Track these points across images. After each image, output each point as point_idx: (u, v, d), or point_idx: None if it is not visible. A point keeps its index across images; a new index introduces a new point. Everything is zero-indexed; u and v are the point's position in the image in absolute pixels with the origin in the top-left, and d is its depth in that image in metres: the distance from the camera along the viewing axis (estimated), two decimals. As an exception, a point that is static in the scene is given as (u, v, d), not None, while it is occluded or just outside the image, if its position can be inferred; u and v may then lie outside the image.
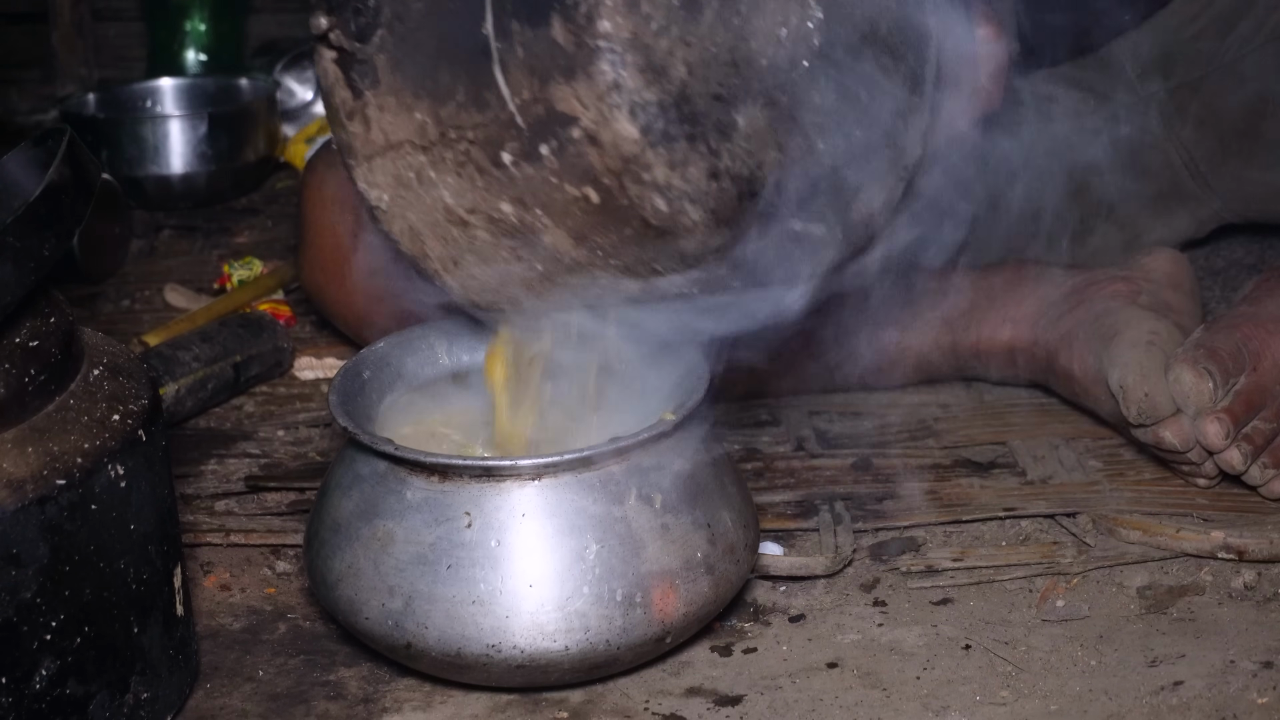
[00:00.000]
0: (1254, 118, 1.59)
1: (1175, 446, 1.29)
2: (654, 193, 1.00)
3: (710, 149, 1.01)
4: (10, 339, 0.99)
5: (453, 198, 1.06)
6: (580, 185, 1.01)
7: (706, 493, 1.12)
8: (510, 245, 1.06)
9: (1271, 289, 1.38)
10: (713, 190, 1.02)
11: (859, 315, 1.49)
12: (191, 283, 1.87)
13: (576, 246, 1.04)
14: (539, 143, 1.01)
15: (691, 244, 1.03)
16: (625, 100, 0.98)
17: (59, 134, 1.02)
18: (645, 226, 1.02)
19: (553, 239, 1.04)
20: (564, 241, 1.04)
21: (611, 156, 1.00)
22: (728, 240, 1.04)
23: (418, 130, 1.05)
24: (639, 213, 1.01)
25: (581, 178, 1.01)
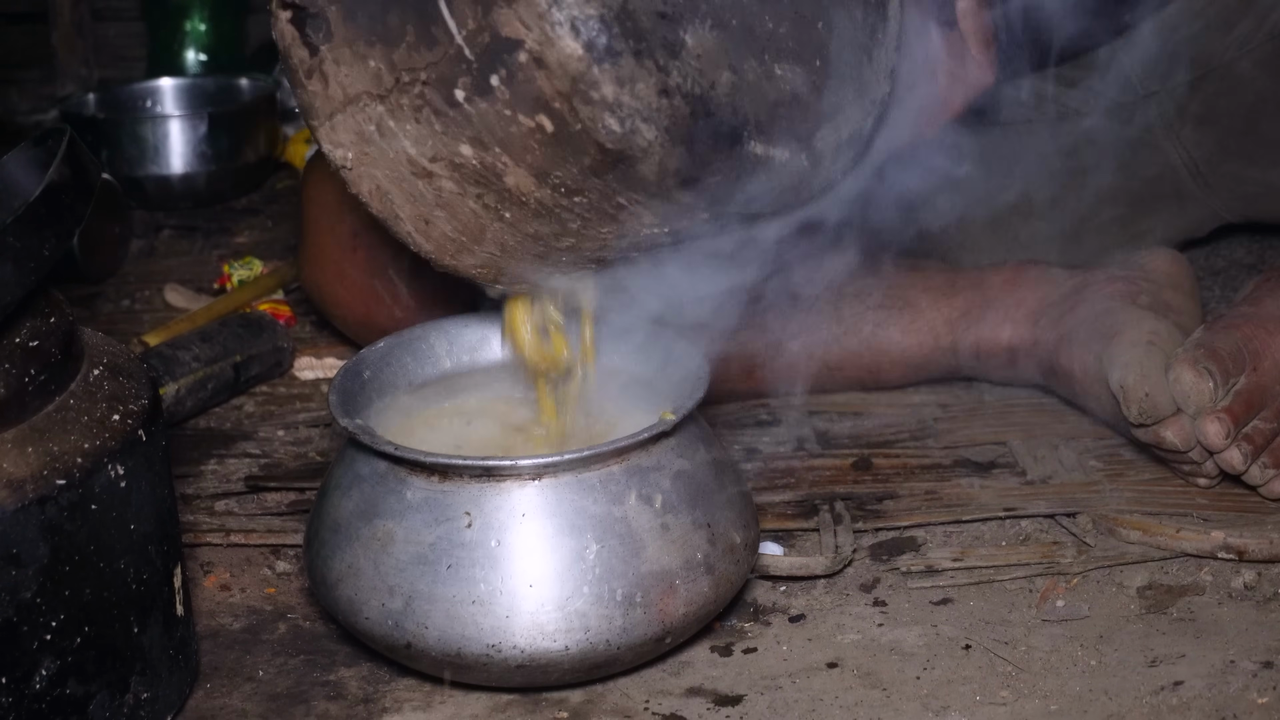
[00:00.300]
0: (1253, 117, 1.59)
1: (1176, 446, 1.29)
2: (605, 112, 1.00)
3: (658, 65, 1.00)
4: (10, 339, 0.99)
5: (414, 147, 1.06)
6: (533, 114, 1.01)
7: (706, 493, 1.12)
8: (476, 193, 1.06)
9: (1272, 289, 1.38)
10: (664, 107, 1.01)
11: (859, 314, 1.49)
12: (191, 283, 1.87)
13: (539, 185, 1.04)
14: (489, 74, 1.01)
15: (650, 167, 1.02)
16: (565, 16, 0.98)
17: (59, 134, 1.02)
18: (601, 152, 1.01)
19: (515, 179, 1.04)
20: (526, 181, 1.04)
21: (559, 78, 0.99)
22: (685, 162, 1.03)
23: (373, 79, 1.05)
24: (593, 137, 1.01)
25: (533, 105, 1.01)
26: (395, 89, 1.04)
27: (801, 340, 1.49)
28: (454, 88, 1.02)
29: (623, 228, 1.08)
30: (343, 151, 1.08)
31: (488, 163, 1.04)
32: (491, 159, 1.04)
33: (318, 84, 1.07)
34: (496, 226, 1.08)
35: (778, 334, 1.49)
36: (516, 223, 1.07)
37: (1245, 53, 1.58)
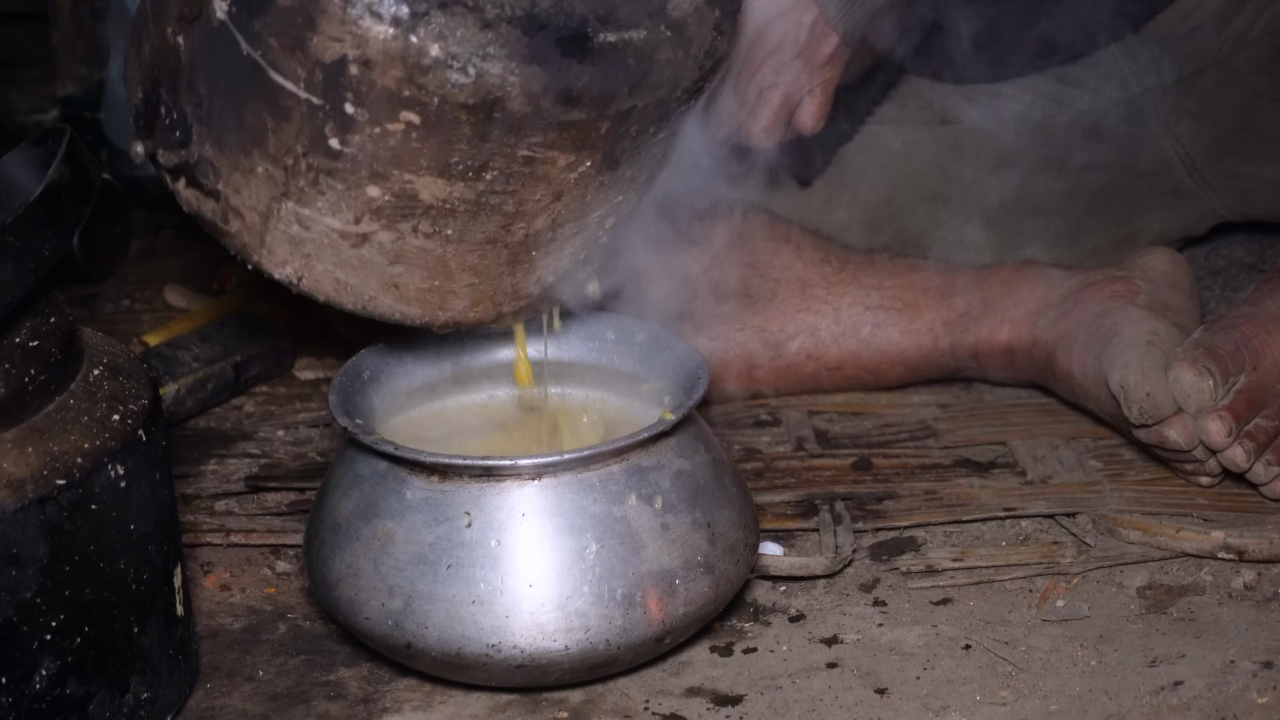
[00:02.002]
0: (1249, 113, 1.59)
1: (1180, 445, 1.29)
2: (445, 71, 1.00)
3: (468, 6, 1.00)
4: (10, 339, 0.99)
5: (334, 219, 1.07)
6: (395, 115, 1.02)
7: (706, 493, 1.12)
8: (410, 227, 1.06)
9: (1272, 289, 1.38)
10: (495, 39, 1.01)
11: (861, 309, 1.49)
12: (191, 283, 1.87)
13: (449, 182, 1.04)
14: (341, 105, 1.02)
15: (518, 101, 1.02)
16: (361, 8, 0.99)
17: (59, 134, 1.02)
18: (469, 111, 1.01)
19: (426, 190, 1.04)
20: (435, 185, 1.04)
21: (389, 66, 1.00)
22: (546, 79, 1.02)
23: (269, 182, 1.07)
24: (452, 100, 1.01)
25: (390, 108, 1.01)
26: (288, 178, 1.06)
27: (800, 340, 1.49)
28: (327, 140, 1.04)
29: (553, 185, 1.07)
30: (289, 268, 1.10)
31: (396, 189, 1.05)
32: (395, 183, 1.05)
33: (236, 221, 1.10)
34: (451, 251, 1.08)
35: (777, 334, 1.49)
36: (463, 234, 1.08)
37: (1241, 48, 1.58)
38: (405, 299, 1.11)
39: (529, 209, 1.07)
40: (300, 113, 1.03)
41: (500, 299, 1.13)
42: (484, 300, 1.12)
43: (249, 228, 1.09)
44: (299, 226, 1.08)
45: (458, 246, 1.08)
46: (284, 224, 1.08)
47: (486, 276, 1.11)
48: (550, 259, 1.12)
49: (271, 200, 1.07)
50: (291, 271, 1.10)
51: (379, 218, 1.06)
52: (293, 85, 1.03)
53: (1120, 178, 1.63)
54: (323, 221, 1.07)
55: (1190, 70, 1.61)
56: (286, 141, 1.05)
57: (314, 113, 1.03)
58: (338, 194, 1.06)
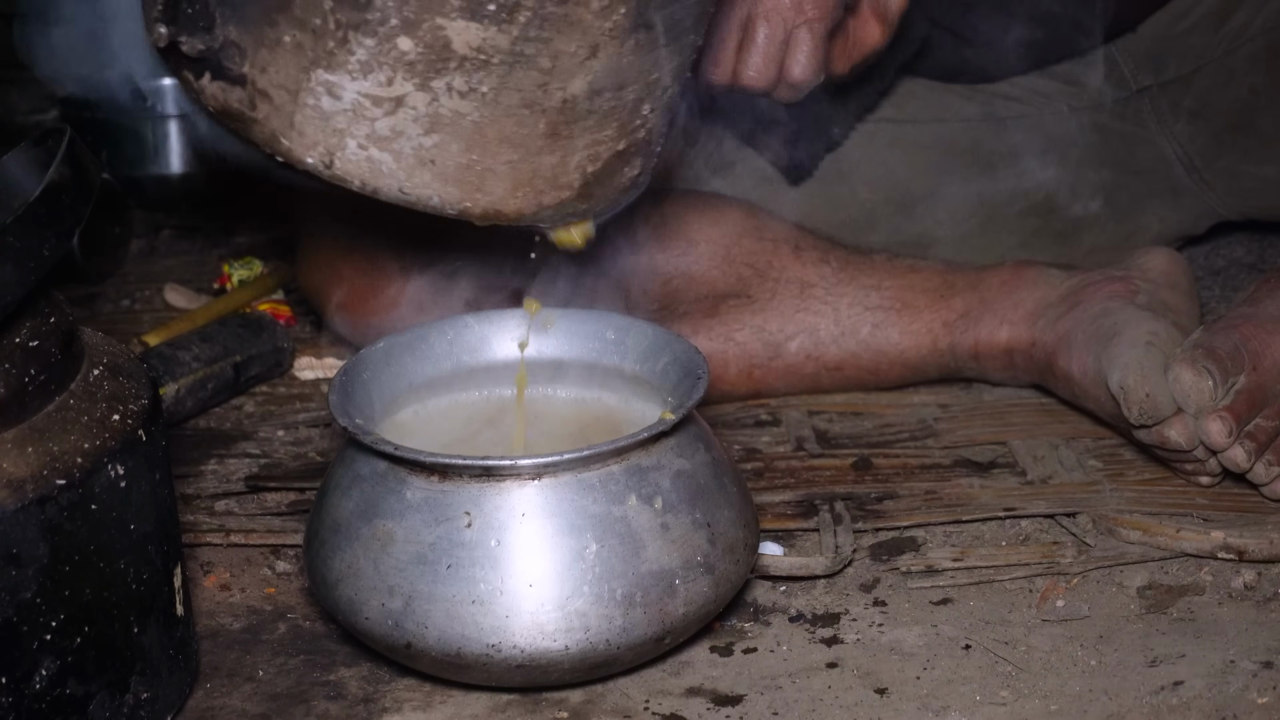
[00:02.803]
0: (1247, 112, 1.59)
1: (1181, 445, 1.29)
2: None
3: None
4: (10, 339, 0.99)
5: (366, 82, 1.03)
6: None
7: (706, 493, 1.12)
8: (445, 86, 1.03)
9: (1272, 289, 1.38)
10: None
11: (859, 310, 1.49)
12: (191, 283, 1.87)
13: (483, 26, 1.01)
14: None
15: None
16: None
17: (59, 134, 1.02)
18: None
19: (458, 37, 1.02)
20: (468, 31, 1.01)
21: None
22: None
23: (297, 50, 1.03)
24: None
25: None
26: (316, 41, 1.02)
27: (800, 341, 1.49)
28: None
29: (588, 35, 1.03)
30: (320, 148, 1.06)
31: (427, 40, 1.01)
32: (427, 33, 1.01)
33: (265, 106, 1.06)
34: (487, 116, 1.04)
35: (776, 335, 1.49)
36: (499, 95, 1.04)
37: (1239, 47, 1.58)
38: (442, 176, 1.07)
39: (565, 64, 1.04)
40: None
41: (540, 184, 1.10)
42: (523, 184, 1.09)
43: (278, 109, 1.06)
44: (329, 97, 1.04)
45: (493, 110, 1.05)
46: (314, 97, 1.04)
47: (525, 152, 1.07)
48: (589, 138, 1.09)
49: (300, 71, 1.04)
50: (323, 152, 1.06)
51: (412, 75, 1.03)
52: None
53: (1119, 177, 1.64)
54: (354, 87, 1.03)
55: (1188, 68, 1.61)
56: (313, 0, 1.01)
57: None
58: (368, 51, 1.02)
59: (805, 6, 1.33)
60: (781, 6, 1.33)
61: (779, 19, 1.33)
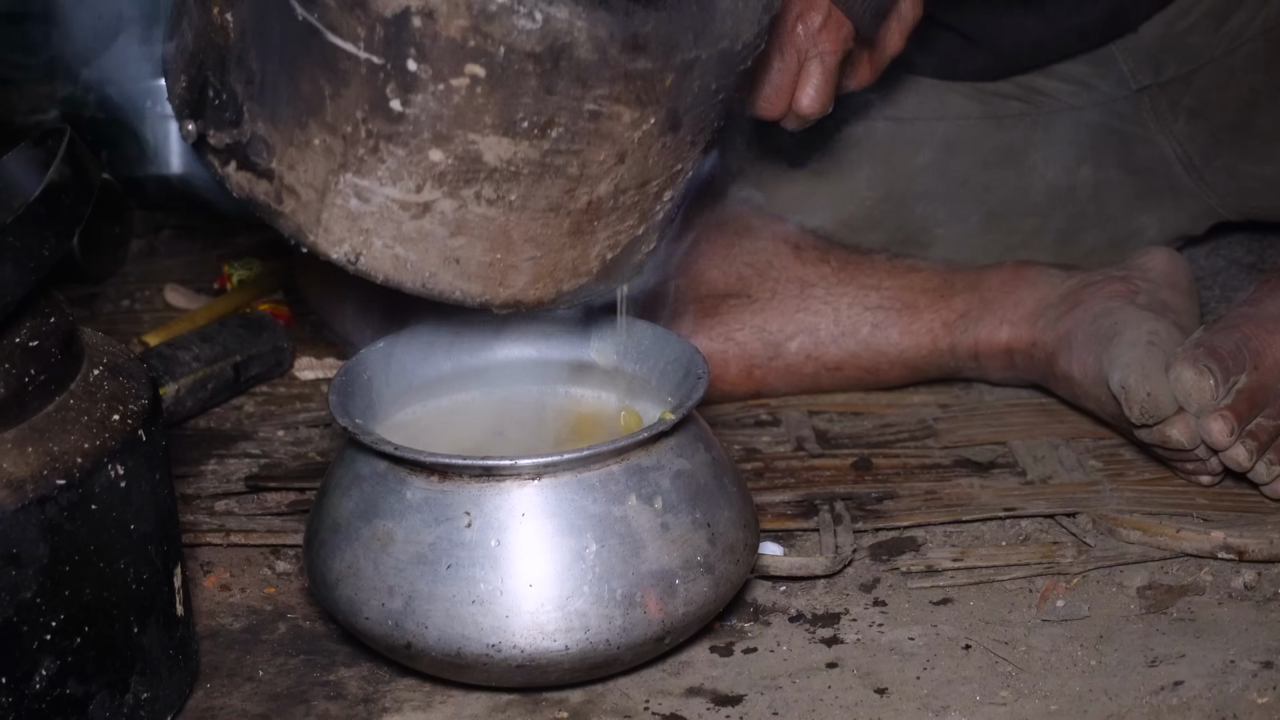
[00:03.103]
0: (1247, 111, 1.59)
1: (1183, 444, 1.29)
2: (512, 17, 0.98)
3: None
4: (10, 339, 0.99)
5: (395, 188, 1.04)
6: (460, 69, 0.99)
7: (706, 493, 1.12)
8: (473, 194, 1.04)
9: (1272, 289, 1.38)
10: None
11: (859, 310, 1.49)
12: (191, 283, 1.87)
13: (514, 141, 1.02)
14: (404, 63, 1.00)
15: (586, 48, 1.00)
16: None
17: (59, 134, 1.02)
18: (536, 61, 0.99)
19: (491, 150, 1.02)
20: (501, 144, 1.02)
21: (455, 14, 0.98)
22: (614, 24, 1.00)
23: (326, 153, 1.04)
24: (520, 49, 0.99)
25: (455, 61, 0.99)
26: (346, 147, 1.03)
27: (800, 341, 1.49)
28: (388, 102, 1.01)
29: (618, 145, 1.05)
30: (347, 245, 1.07)
31: (459, 151, 1.03)
32: (459, 145, 1.02)
33: (291, 201, 1.07)
34: (514, 219, 1.06)
35: (776, 334, 1.49)
36: (526, 200, 1.05)
37: (1239, 46, 1.58)
38: (465, 274, 1.08)
39: (593, 171, 1.05)
40: (360, 75, 1.01)
41: (561, 275, 1.11)
42: (545, 276, 1.10)
43: (304, 206, 1.06)
44: (357, 200, 1.05)
45: (520, 214, 1.06)
46: (341, 198, 1.05)
47: (549, 249, 1.08)
48: (610, 230, 1.10)
49: (329, 174, 1.04)
50: (349, 249, 1.07)
51: (441, 184, 1.04)
52: (352, 46, 1.00)
53: (1118, 176, 1.63)
54: (383, 192, 1.04)
55: (1187, 68, 1.61)
56: (345, 108, 1.02)
57: (374, 74, 1.01)
58: (399, 160, 1.03)
59: (819, 38, 1.34)
60: (795, 38, 1.33)
61: (792, 50, 1.33)
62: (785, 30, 1.32)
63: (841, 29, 1.34)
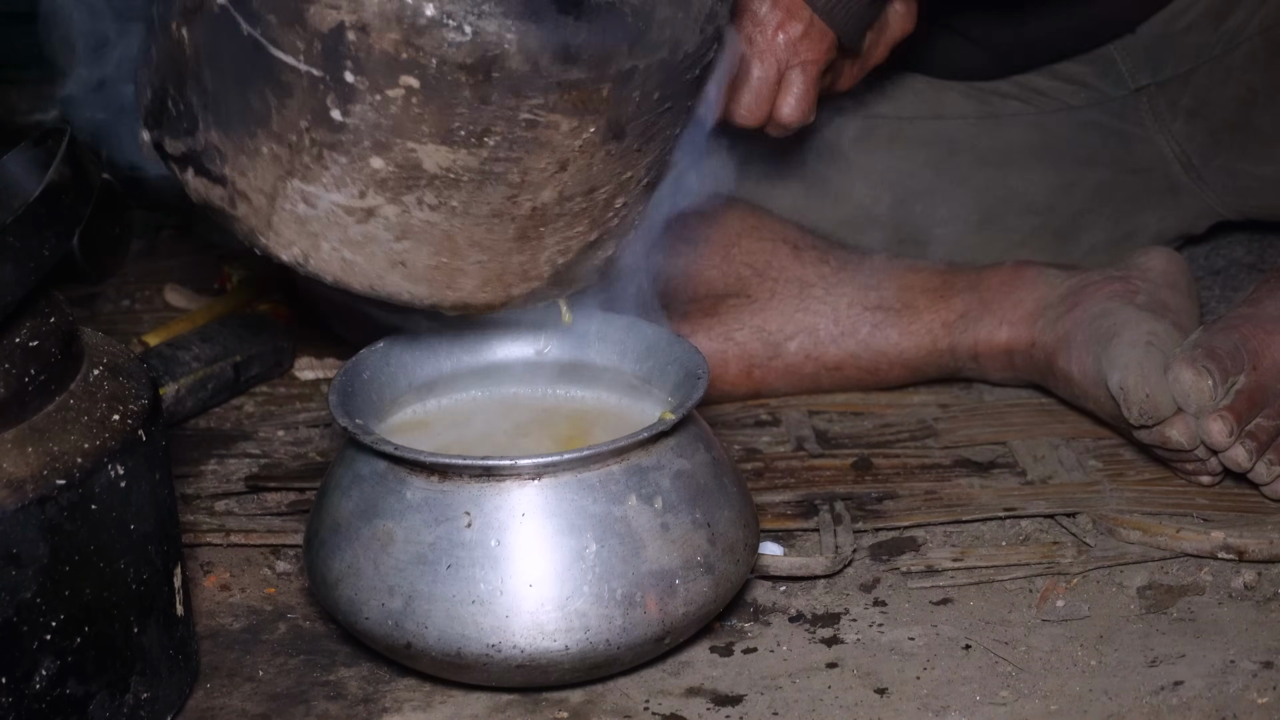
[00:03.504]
0: (1245, 110, 1.59)
1: (1183, 444, 1.29)
2: (442, 30, 1.00)
3: None
4: (10, 339, 0.99)
5: (339, 194, 1.06)
6: (395, 80, 1.02)
7: (706, 493, 1.12)
8: (415, 199, 1.06)
9: (1271, 289, 1.38)
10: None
11: (858, 310, 1.49)
12: (191, 283, 1.87)
13: (452, 149, 1.04)
14: (341, 74, 1.02)
15: (518, 59, 1.01)
16: None
17: (59, 134, 1.03)
18: (468, 71, 1.01)
19: (429, 158, 1.04)
20: (439, 153, 1.04)
21: (386, 28, 1.00)
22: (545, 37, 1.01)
23: (274, 161, 1.07)
24: (452, 61, 1.00)
25: (389, 72, 1.01)
26: (292, 155, 1.06)
27: (799, 341, 1.49)
28: (329, 112, 1.04)
29: (558, 153, 1.06)
30: (296, 248, 1.10)
31: (399, 159, 1.04)
32: (399, 153, 1.04)
33: (244, 205, 1.10)
34: (457, 225, 1.07)
35: (775, 334, 1.49)
36: (469, 207, 1.07)
37: (1237, 46, 1.58)
38: (412, 277, 1.10)
39: (534, 179, 1.07)
40: (302, 87, 1.04)
41: (510, 279, 1.12)
42: (493, 280, 1.11)
43: (256, 210, 1.09)
44: (304, 205, 1.07)
45: (464, 220, 1.07)
46: (290, 203, 1.08)
47: (495, 253, 1.10)
48: (559, 236, 1.11)
49: (277, 180, 1.07)
50: (298, 252, 1.10)
51: (383, 190, 1.06)
52: (293, 59, 1.03)
53: (1117, 175, 1.63)
54: (327, 198, 1.07)
55: (1185, 67, 1.61)
56: (290, 118, 1.05)
57: (315, 85, 1.03)
58: (341, 168, 1.05)
59: (800, 48, 1.34)
60: (775, 47, 1.33)
61: (772, 59, 1.33)
62: (766, 39, 1.33)
63: (824, 39, 1.34)
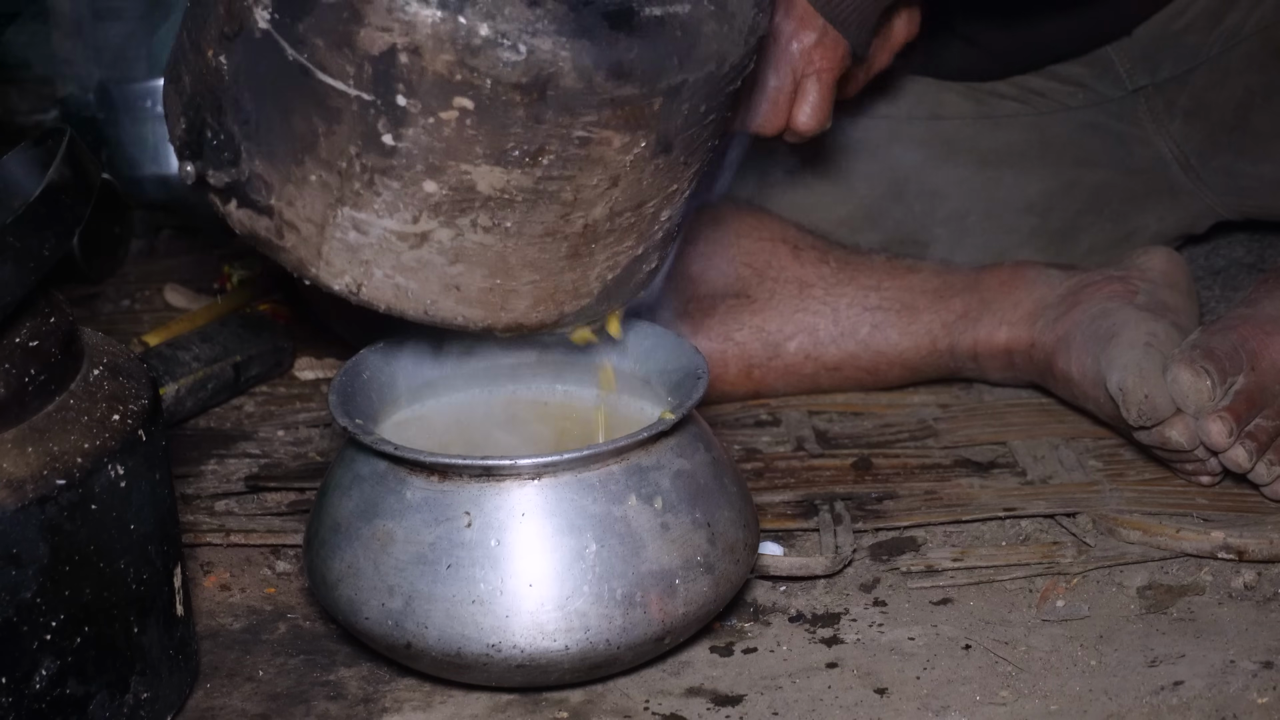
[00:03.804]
0: (1242, 110, 1.59)
1: (1183, 445, 1.29)
2: (496, 50, 1.00)
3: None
4: (10, 339, 0.99)
5: (392, 220, 1.06)
6: (449, 102, 1.01)
7: (706, 493, 1.12)
8: (469, 222, 1.06)
9: (1269, 290, 1.38)
10: (542, 14, 1.00)
11: (859, 310, 1.50)
12: (191, 283, 1.87)
13: (506, 170, 1.04)
14: (393, 99, 1.01)
15: (571, 77, 1.01)
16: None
17: (59, 134, 1.03)
18: (522, 91, 1.01)
19: (484, 180, 1.04)
20: (493, 174, 1.04)
21: (440, 50, 1.00)
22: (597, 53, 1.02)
23: (323, 189, 1.06)
24: (506, 81, 1.00)
25: (443, 95, 1.01)
26: (342, 182, 1.05)
27: (799, 341, 1.49)
28: (380, 137, 1.03)
29: (610, 169, 1.06)
30: (348, 277, 1.09)
31: (453, 182, 1.04)
32: (452, 176, 1.04)
33: (292, 236, 1.08)
34: (510, 245, 1.07)
35: (775, 335, 1.49)
36: (522, 227, 1.07)
37: (1234, 46, 1.58)
38: (466, 300, 1.09)
39: (586, 196, 1.06)
40: (351, 112, 1.03)
41: (561, 297, 1.12)
42: (545, 299, 1.11)
43: (304, 240, 1.08)
44: (356, 232, 1.07)
45: (517, 240, 1.07)
46: (340, 231, 1.07)
47: (547, 273, 1.09)
48: (609, 252, 1.11)
49: (326, 208, 1.06)
50: (350, 281, 1.09)
51: (437, 214, 1.05)
52: (342, 84, 1.02)
53: (1116, 176, 1.64)
54: (380, 224, 1.06)
55: (1183, 68, 1.61)
56: (339, 144, 1.04)
57: (365, 110, 1.02)
58: (394, 193, 1.05)
59: (814, 56, 1.34)
60: (792, 57, 1.33)
61: (789, 69, 1.34)
62: (780, 49, 1.33)
63: (838, 48, 1.35)
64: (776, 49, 1.33)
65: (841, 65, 1.36)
